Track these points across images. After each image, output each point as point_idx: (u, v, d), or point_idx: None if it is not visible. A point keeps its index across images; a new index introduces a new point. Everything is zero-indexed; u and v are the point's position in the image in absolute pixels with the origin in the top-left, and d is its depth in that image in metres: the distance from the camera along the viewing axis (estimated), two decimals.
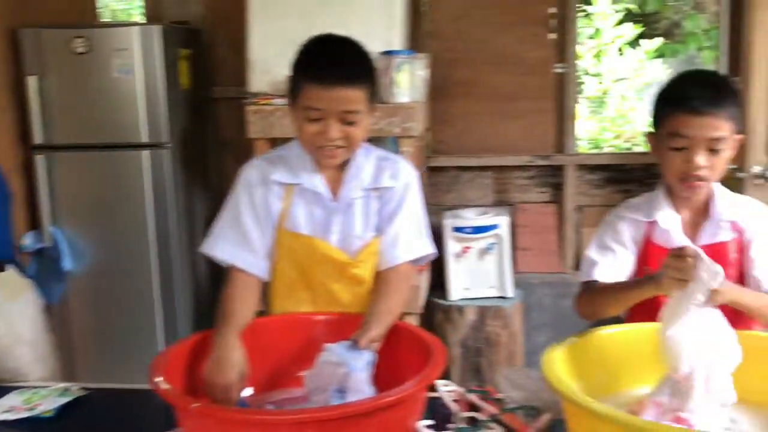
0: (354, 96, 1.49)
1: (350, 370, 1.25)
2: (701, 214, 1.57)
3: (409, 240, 1.62)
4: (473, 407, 1.48)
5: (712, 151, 1.47)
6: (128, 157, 3.05)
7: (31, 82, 2.99)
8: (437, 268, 3.33)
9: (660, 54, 6.43)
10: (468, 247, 3.25)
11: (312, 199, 1.60)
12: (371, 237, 1.61)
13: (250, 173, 1.61)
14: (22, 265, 1.78)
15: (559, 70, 3.43)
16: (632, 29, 6.22)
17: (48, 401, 1.52)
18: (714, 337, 1.27)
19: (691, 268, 1.26)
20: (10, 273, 1.72)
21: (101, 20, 3.33)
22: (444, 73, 3.48)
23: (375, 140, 3.14)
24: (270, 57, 2.96)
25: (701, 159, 1.46)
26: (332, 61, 1.50)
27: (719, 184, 1.58)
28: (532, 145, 3.52)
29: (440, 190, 3.64)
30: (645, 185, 3.29)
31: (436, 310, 3.31)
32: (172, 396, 1.16)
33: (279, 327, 1.57)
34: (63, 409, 1.50)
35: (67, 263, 3.11)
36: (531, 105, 3.48)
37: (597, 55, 6.41)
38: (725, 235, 1.55)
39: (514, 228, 3.54)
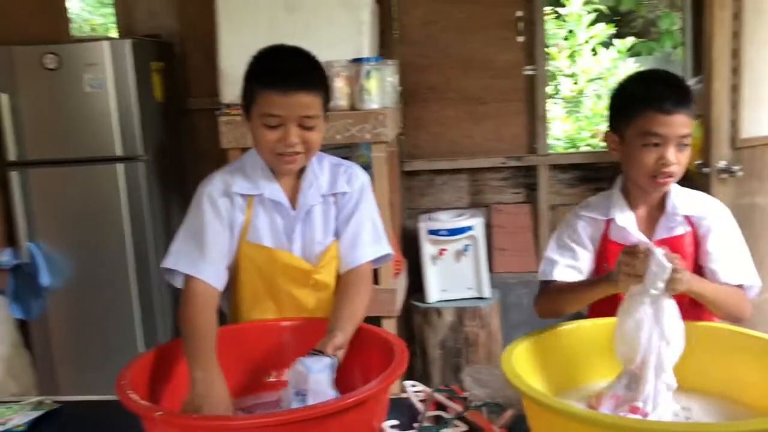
0: (311, 101, 1.53)
1: (309, 373, 1.27)
2: (657, 210, 1.61)
3: (367, 241, 1.65)
4: (440, 407, 1.52)
5: (680, 147, 1.52)
6: (103, 171, 3.07)
7: (3, 100, 3.00)
8: (415, 271, 3.37)
9: (636, 53, 6.52)
10: (444, 249, 3.29)
11: (273, 208, 1.62)
12: (330, 242, 1.64)
13: (211, 187, 1.61)
14: None
15: (529, 72, 3.48)
16: (605, 29, 6.30)
17: (20, 415, 1.53)
18: (665, 327, 1.31)
19: (642, 264, 1.30)
20: None
21: (73, 36, 3.32)
22: (416, 79, 3.53)
23: (347, 147, 3.18)
24: (240, 67, 2.97)
25: (672, 156, 1.51)
26: (288, 69, 1.53)
27: None
28: (505, 146, 3.57)
29: (416, 194, 3.68)
30: None
31: (415, 312, 3.34)
32: (137, 405, 1.18)
33: (248, 334, 1.59)
34: (35, 423, 1.52)
35: (45, 279, 3.11)
36: (502, 107, 3.53)
37: (571, 56, 6.48)
38: (680, 230, 1.59)
39: (490, 229, 3.59)
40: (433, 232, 3.28)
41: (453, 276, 3.32)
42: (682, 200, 1.60)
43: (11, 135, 3.03)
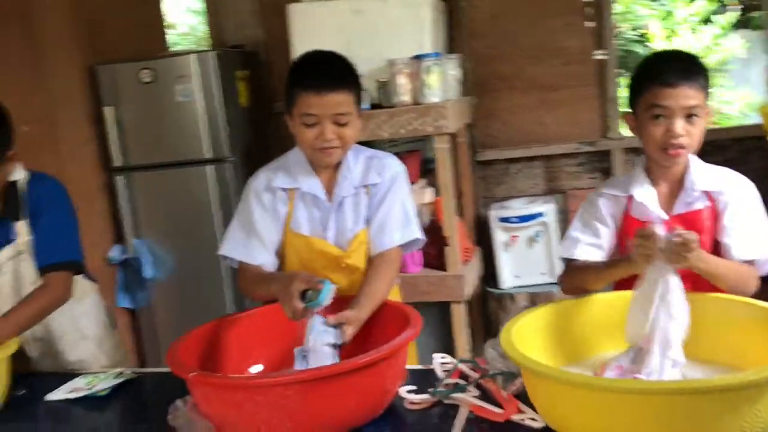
0: (343, 100, 1.68)
1: (308, 333, 1.43)
2: (677, 185, 1.64)
3: (395, 228, 1.77)
4: (463, 376, 1.63)
5: (689, 118, 1.56)
6: (194, 172, 3.37)
7: (108, 112, 3.37)
8: (488, 258, 3.46)
9: (744, 26, 6.23)
10: (515, 236, 3.36)
11: (311, 200, 1.79)
12: (360, 229, 1.79)
13: (256, 183, 1.81)
14: (88, 271, 2.07)
15: (600, 57, 3.47)
16: (707, 5, 6.07)
17: (104, 383, 1.78)
18: (672, 305, 1.36)
19: (654, 244, 1.36)
20: (77, 277, 2.00)
21: (167, 51, 3.67)
22: (487, 70, 3.62)
23: (420, 140, 3.31)
24: None
25: (679, 127, 1.55)
26: (321, 72, 1.69)
27: (695, 156, 1.65)
28: (579, 132, 3.58)
29: (491, 183, 3.76)
30: None
31: (489, 298, 3.43)
32: (177, 368, 1.38)
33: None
34: (116, 389, 1.77)
35: (148, 272, 3.46)
36: (574, 93, 3.55)
37: (669, 36, 6.28)
38: (699, 205, 1.62)
39: (567, 215, 3.61)
40: (503, 220, 3.36)
41: (526, 262, 3.38)
42: (702, 175, 1.62)
43: (116, 143, 3.39)
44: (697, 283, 1.53)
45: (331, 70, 1.71)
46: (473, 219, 3.64)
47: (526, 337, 1.42)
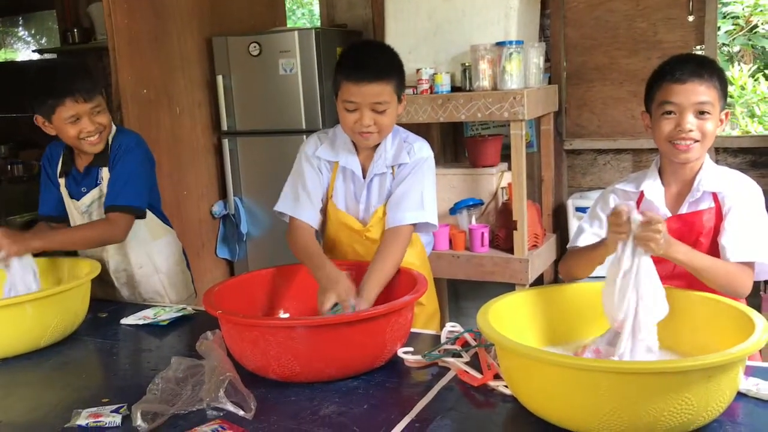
0: (381, 90, 1.81)
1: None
2: (687, 187, 1.68)
3: (410, 207, 1.90)
4: (466, 344, 1.78)
5: (700, 114, 1.60)
6: (291, 140, 3.65)
7: (220, 81, 3.72)
8: (563, 247, 3.51)
9: None
10: None
11: (349, 175, 1.98)
12: (381, 204, 1.96)
13: (308, 148, 2.02)
14: (163, 214, 2.38)
15: (698, 52, 3.38)
16: None
17: (167, 314, 2.09)
18: (642, 287, 1.42)
19: (625, 223, 1.39)
20: (153, 218, 2.30)
21: (276, 27, 3.96)
22: (580, 59, 3.63)
23: (500, 124, 3.39)
24: (403, 53, 3.35)
25: (689, 121, 1.60)
26: (362, 63, 1.83)
27: (708, 158, 1.68)
28: None
29: (578, 173, 3.78)
30: None
31: None
32: (209, 307, 1.62)
33: None
34: (176, 321, 2.06)
35: (245, 227, 3.80)
36: None
37: None
38: (703, 206, 1.65)
39: None
40: (580, 209, 3.39)
41: None
42: (710, 177, 1.65)
43: (224, 109, 3.74)
44: (691, 286, 1.57)
45: (371, 63, 1.83)
46: (553, 206, 3.69)
47: (512, 315, 1.54)
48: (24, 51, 6.49)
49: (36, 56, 5.76)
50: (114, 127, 2.25)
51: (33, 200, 2.40)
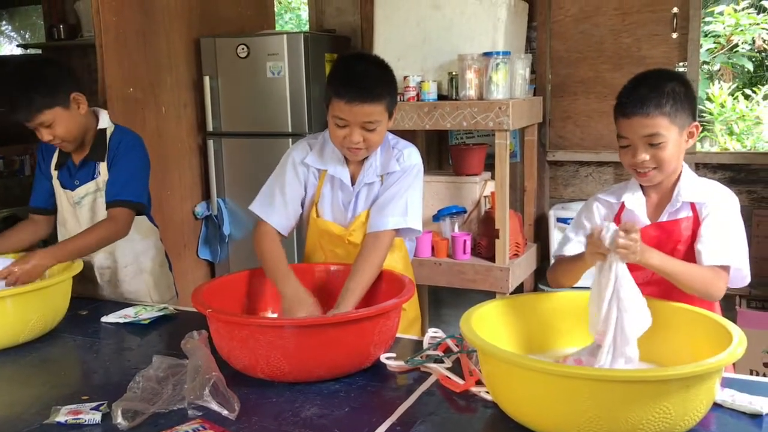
0: (372, 110, 1.79)
1: None
2: (667, 196, 1.71)
3: (393, 212, 1.89)
4: (448, 350, 1.79)
5: (651, 146, 1.62)
6: (276, 143, 3.65)
7: (207, 81, 3.71)
8: (544, 257, 3.54)
9: None
10: None
11: (337, 185, 1.97)
12: (364, 210, 1.96)
13: (295, 153, 1.99)
14: (151, 216, 2.37)
15: (681, 69, 3.44)
16: None
17: (149, 314, 2.08)
18: (623, 299, 1.44)
19: (602, 243, 1.43)
20: (143, 219, 2.30)
21: (264, 30, 3.96)
22: (565, 72, 3.67)
23: (485, 134, 3.42)
24: (391, 60, 3.37)
25: (642, 154, 1.62)
26: (354, 82, 1.79)
27: (687, 167, 1.71)
28: None
29: (560, 184, 3.82)
30: None
31: None
32: (199, 305, 1.62)
33: (304, 271, 1.95)
34: (157, 320, 2.05)
35: (227, 229, 3.79)
36: None
37: None
38: (681, 215, 1.68)
39: None
40: (561, 220, 3.43)
41: None
42: (688, 187, 1.68)
43: (210, 110, 3.73)
44: (667, 291, 1.60)
45: (364, 83, 1.79)
46: (534, 216, 3.72)
47: (494, 323, 1.56)
48: (7, 46, 6.43)
49: (19, 51, 5.70)
50: (112, 125, 2.26)
51: (14, 195, 2.38)
